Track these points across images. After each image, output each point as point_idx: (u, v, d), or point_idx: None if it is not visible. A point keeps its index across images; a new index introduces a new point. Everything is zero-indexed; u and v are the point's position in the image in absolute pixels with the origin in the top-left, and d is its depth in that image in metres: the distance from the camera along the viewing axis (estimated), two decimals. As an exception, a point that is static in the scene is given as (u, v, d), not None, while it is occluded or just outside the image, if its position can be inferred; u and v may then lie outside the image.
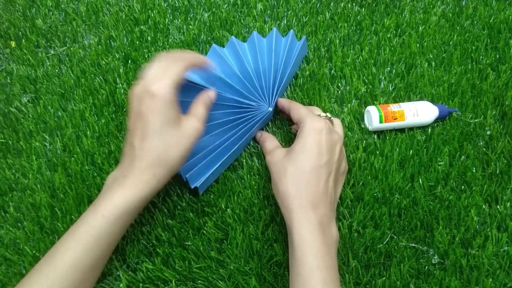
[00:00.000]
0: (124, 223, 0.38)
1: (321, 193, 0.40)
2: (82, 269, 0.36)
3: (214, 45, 0.55)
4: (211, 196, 0.48)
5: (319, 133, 0.41)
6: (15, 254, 0.45)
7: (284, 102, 0.50)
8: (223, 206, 0.47)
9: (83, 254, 0.36)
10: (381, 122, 0.52)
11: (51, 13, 0.68)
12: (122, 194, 0.38)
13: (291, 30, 0.55)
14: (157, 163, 0.38)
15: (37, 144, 0.53)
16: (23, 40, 0.64)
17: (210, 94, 0.46)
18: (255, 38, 0.55)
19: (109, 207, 0.37)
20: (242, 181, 0.49)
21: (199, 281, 0.43)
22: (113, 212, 0.37)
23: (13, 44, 0.64)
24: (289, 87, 0.57)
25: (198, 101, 0.45)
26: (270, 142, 0.48)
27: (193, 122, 0.41)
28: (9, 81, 0.60)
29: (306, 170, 0.40)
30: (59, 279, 0.35)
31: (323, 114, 0.48)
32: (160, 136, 0.38)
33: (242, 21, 0.66)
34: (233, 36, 0.56)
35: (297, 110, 0.46)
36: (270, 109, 0.49)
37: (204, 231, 0.46)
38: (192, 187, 0.45)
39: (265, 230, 0.46)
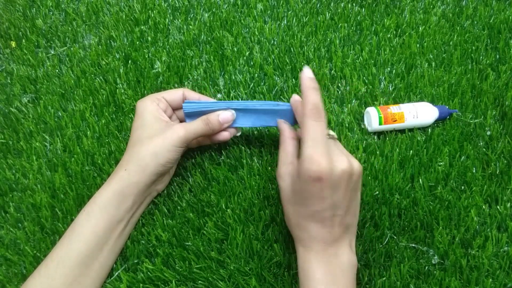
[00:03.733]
0: (105, 217, 0.42)
1: (325, 229, 0.38)
2: (68, 264, 0.40)
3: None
4: (211, 196, 0.48)
5: (318, 181, 0.36)
6: (15, 254, 0.45)
7: (297, 103, 0.44)
8: (223, 207, 0.47)
9: (67, 252, 0.40)
10: (380, 124, 0.52)
11: (51, 13, 0.68)
12: (100, 190, 0.43)
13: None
14: (129, 159, 0.43)
15: (37, 144, 0.53)
16: (23, 40, 0.64)
17: (214, 117, 0.46)
18: None
19: (90, 202, 0.42)
20: (242, 181, 0.49)
21: (199, 282, 0.43)
22: (92, 207, 0.42)
23: (13, 44, 0.64)
24: (289, 88, 0.57)
25: (203, 118, 0.45)
26: (284, 151, 0.42)
27: (178, 129, 0.44)
28: (9, 81, 0.60)
29: (307, 214, 0.38)
30: (50, 275, 0.39)
31: (330, 132, 0.41)
32: (133, 136, 0.45)
33: (242, 21, 0.66)
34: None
35: (304, 128, 0.39)
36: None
37: (204, 232, 0.46)
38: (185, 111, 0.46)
39: (265, 230, 0.46)
